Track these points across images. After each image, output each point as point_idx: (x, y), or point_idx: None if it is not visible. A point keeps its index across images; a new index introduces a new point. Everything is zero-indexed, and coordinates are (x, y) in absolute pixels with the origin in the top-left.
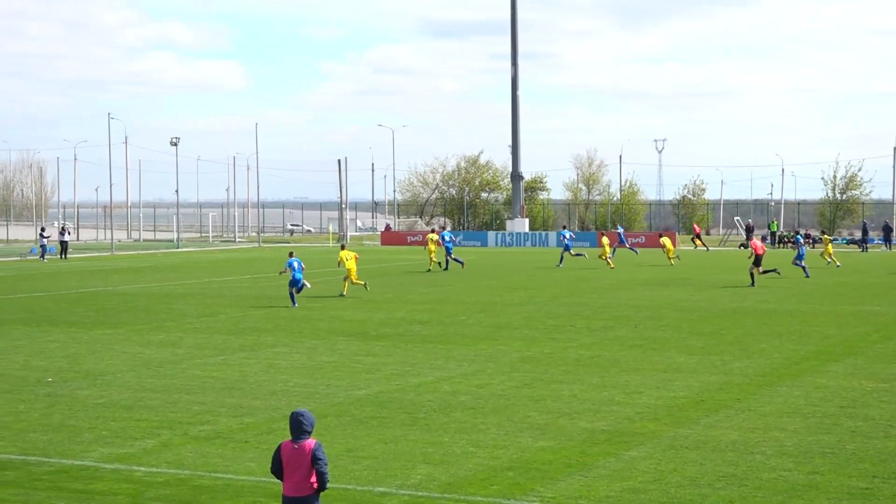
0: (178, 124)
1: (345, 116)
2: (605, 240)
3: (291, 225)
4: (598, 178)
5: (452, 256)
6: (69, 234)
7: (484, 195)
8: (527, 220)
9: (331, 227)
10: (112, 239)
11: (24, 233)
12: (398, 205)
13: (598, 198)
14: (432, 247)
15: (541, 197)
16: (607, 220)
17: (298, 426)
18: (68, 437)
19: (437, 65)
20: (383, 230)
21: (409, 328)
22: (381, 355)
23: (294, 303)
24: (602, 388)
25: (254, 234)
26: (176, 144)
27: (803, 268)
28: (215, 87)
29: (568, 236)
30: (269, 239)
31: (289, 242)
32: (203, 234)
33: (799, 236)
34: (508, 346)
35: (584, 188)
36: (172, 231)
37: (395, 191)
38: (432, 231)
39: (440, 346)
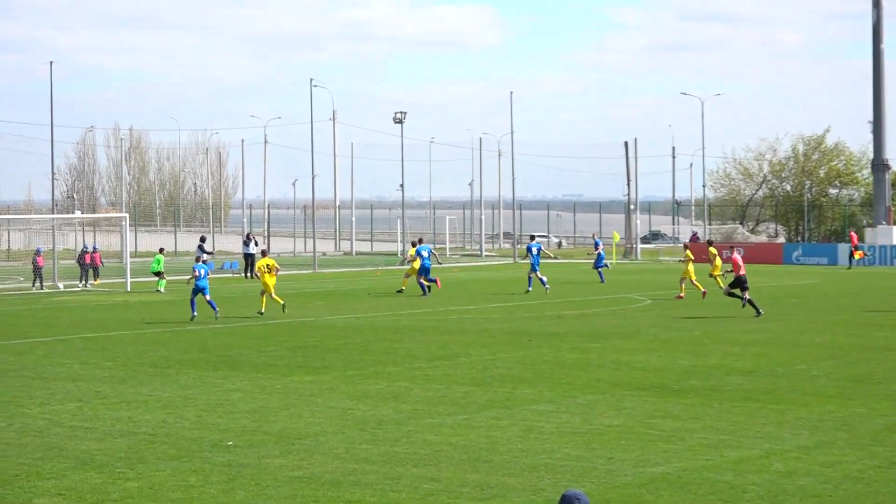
0: (404, 95)
1: (635, 83)
2: (712, 250)
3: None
4: None
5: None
6: (256, 244)
7: (832, 192)
8: (895, 228)
9: (615, 237)
10: (314, 251)
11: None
12: (709, 205)
13: None
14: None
15: None
16: None
17: None
18: None
19: (770, 8)
20: (688, 241)
21: (724, 380)
22: (684, 418)
23: (193, 312)
24: None
25: (506, 244)
26: (401, 122)
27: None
28: (457, 44)
29: (536, 251)
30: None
31: (556, 258)
32: (438, 246)
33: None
34: (869, 409)
35: None
36: (395, 241)
37: (704, 186)
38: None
39: (769, 406)
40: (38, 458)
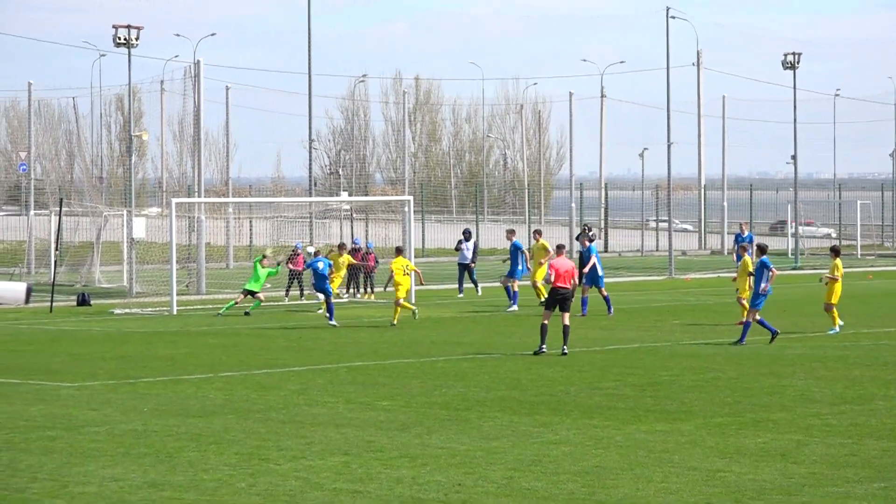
0: (797, 29)
1: None
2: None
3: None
4: None
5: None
6: (591, 240)
7: None
8: None
9: None
10: (671, 249)
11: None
12: None
13: None
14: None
15: None
16: None
17: None
18: None
19: None
20: None
21: None
22: None
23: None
24: None
25: None
26: (794, 67)
27: None
28: None
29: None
30: None
31: None
32: (845, 243)
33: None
34: None
35: None
36: (784, 235)
37: None
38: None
39: None
40: None
